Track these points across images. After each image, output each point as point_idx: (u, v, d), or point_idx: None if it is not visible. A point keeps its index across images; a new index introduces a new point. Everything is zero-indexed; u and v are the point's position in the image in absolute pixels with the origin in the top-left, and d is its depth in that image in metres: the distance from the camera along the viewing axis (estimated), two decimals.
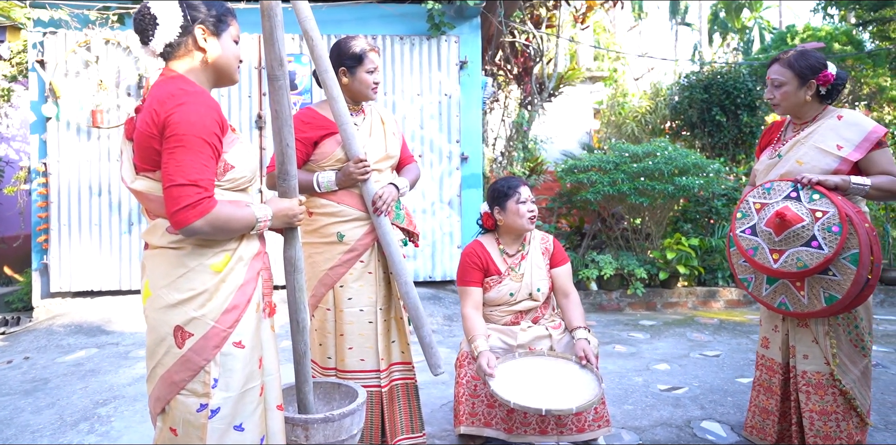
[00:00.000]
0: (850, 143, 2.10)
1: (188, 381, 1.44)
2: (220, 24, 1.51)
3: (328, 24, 4.81)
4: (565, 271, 2.52)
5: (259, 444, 1.54)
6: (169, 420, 1.47)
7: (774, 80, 2.20)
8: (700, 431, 2.56)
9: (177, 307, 1.41)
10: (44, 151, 4.75)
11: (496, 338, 2.37)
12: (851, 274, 1.99)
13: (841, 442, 2.11)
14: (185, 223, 1.36)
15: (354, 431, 1.84)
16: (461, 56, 4.93)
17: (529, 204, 2.40)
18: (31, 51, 4.70)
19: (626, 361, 3.60)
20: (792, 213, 2.03)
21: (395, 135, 2.29)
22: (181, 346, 1.43)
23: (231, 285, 1.47)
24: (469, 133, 5.01)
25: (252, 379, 1.51)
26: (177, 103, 1.36)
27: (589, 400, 2.01)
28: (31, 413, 2.84)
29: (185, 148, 1.36)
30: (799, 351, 2.20)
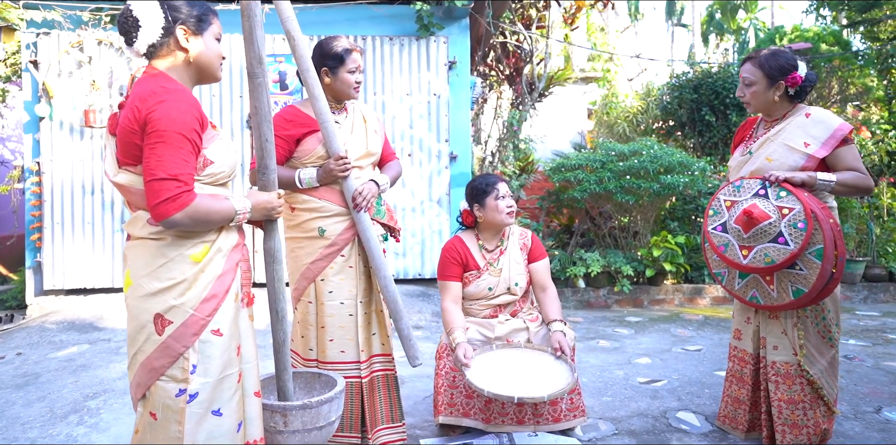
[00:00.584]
0: (817, 140, 2.16)
1: (168, 367, 1.50)
2: (202, 24, 1.57)
3: (318, 25, 4.87)
4: (543, 266, 2.58)
5: (237, 429, 1.60)
6: (149, 404, 1.52)
7: (745, 78, 2.27)
8: (675, 421, 2.63)
9: (157, 296, 1.47)
10: (37, 150, 4.81)
11: (475, 331, 2.43)
12: (817, 268, 2.06)
13: (808, 430, 2.18)
14: (165, 216, 1.42)
15: (332, 418, 1.90)
16: (450, 56, 4.99)
17: (508, 200, 2.47)
18: (25, 51, 4.76)
19: (609, 355, 3.66)
20: (759, 210, 2.10)
21: (377, 133, 2.34)
22: (161, 333, 1.48)
23: (210, 275, 1.53)
24: (458, 133, 5.08)
25: (230, 366, 1.57)
26: (157, 101, 1.43)
27: (560, 389, 2.07)
28: (21, 406, 2.89)
29: (165, 144, 1.42)
30: (769, 342, 2.27)
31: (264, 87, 1.70)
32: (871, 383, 3.09)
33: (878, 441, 2.39)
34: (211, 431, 1.54)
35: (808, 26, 8.22)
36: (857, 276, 5.31)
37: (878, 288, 5.33)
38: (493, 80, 7.73)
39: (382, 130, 2.42)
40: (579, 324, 4.58)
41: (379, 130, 2.36)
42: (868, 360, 3.49)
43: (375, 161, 2.37)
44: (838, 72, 6.91)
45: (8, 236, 6.40)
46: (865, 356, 3.58)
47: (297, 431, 1.81)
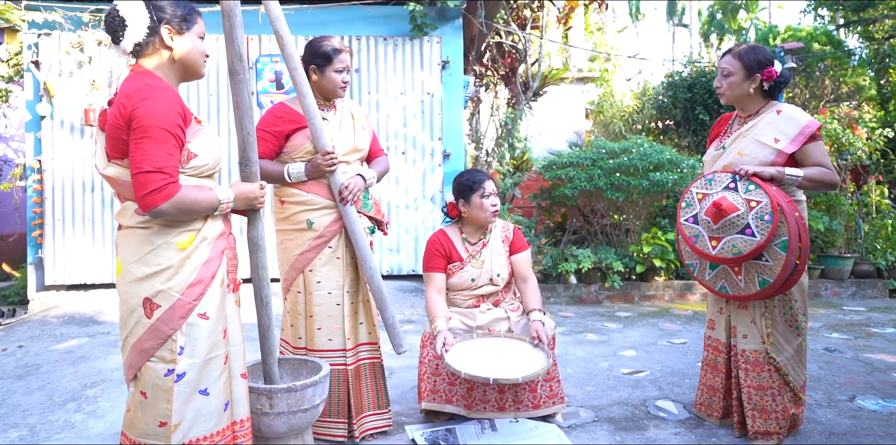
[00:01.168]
0: (787, 136, 2.24)
1: (157, 349, 1.59)
2: (185, 23, 1.65)
3: (314, 25, 4.96)
4: (524, 258, 2.66)
5: (223, 408, 1.69)
6: (140, 384, 1.61)
7: (724, 69, 2.34)
8: (654, 409, 2.71)
9: (145, 281, 1.56)
10: (38, 148, 4.91)
11: (457, 320, 2.52)
12: (782, 260, 2.13)
13: (776, 415, 2.26)
14: (152, 206, 1.51)
15: (317, 401, 1.98)
16: (443, 56, 5.08)
17: (493, 198, 2.55)
18: (27, 52, 4.86)
19: (596, 348, 3.74)
20: (728, 203, 2.18)
21: (365, 129, 2.42)
22: (150, 316, 1.57)
23: (195, 261, 1.61)
24: (451, 131, 5.16)
25: (216, 348, 1.66)
26: (141, 98, 1.51)
27: (535, 372, 2.15)
28: (22, 394, 2.99)
29: (150, 138, 1.51)
30: (739, 331, 2.35)
31: (244, 83, 1.79)
32: (849, 373, 3.17)
33: (848, 428, 2.46)
34: (198, 409, 1.63)
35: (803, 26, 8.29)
36: (845, 272, 5.38)
37: (867, 284, 5.40)
38: (490, 79, 7.82)
39: (370, 127, 2.50)
40: (569, 319, 4.66)
41: (367, 127, 2.44)
42: (848, 352, 3.57)
43: (363, 157, 2.45)
44: (830, 71, 6.98)
45: (10, 234, 6.51)
46: (846, 348, 3.66)
47: (283, 413, 1.90)
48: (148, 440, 1.61)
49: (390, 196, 5.07)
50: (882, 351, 3.58)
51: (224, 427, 1.70)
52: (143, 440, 1.61)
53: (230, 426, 1.72)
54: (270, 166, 2.25)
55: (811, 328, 4.25)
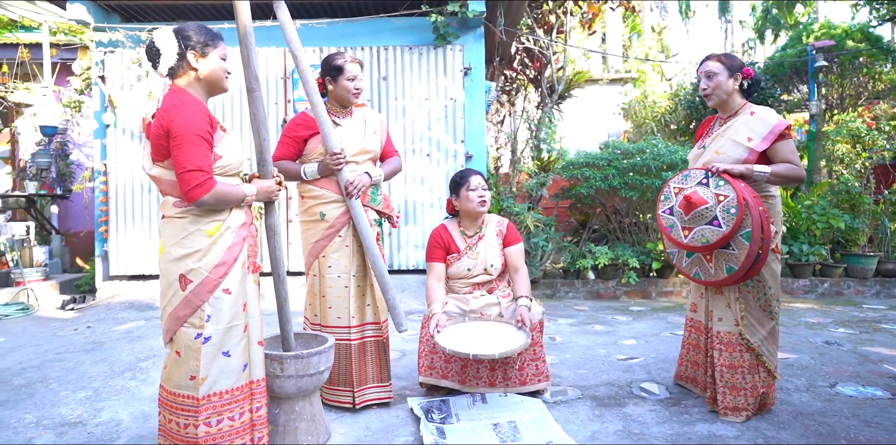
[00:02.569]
0: (758, 135, 2.45)
1: (189, 316, 1.96)
2: (206, 48, 2.02)
3: (345, 37, 5.37)
4: (517, 250, 2.94)
5: (242, 368, 2.05)
6: (175, 345, 1.99)
7: (708, 72, 2.57)
8: (637, 390, 2.93)
9: (181, 261, 1.94)
10: (104, 153, 5.51)
11: (453, 304, 2.82)
12: (745, 249, 2.35)
13: (745, 392, 2.48)
14: (196, 198, 1.88)
15: (322, 368, 2.32)
16: (465, 63, 5.38)
17: (479, 191, 2.84)
18: (95, 68, 5.47)
19: (599, 337, 3.96)
20: (698, 196, 2.41)
21: (377, 133, 2.73)
22: (184, 289, 1.95)
23: (221, 246, 1.98)
24: (473, 134, 5.46)
25: (237, 318, 2.02)
26: (176, 111, 1.89)
27: (512, 349, 2.43)
28: (89, 364, 3.48)
29: (187, 143, 1.88)
30: (715, 315, 2.57)
31: (260, 99, 2.15)
32: (839, 364, 3.28)
33: (818, 409, 2.62)
34: (221, 368, 1.99)
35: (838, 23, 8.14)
36: (868, 271, 5.35)
37: (891, 283, 5.35)
38: (522, 82, 8.06)
39: (384, 131, 2.80)
40: (583, 312, 4.87)
41: (379, 132, 2.75)
42: (847, 345, 3.66)
43: (373, 157, 2.75)
44: (864, 68, 6.88)
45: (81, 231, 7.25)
46: (846, 342, 3.74)
47: (292, 376, 2.25)
48: (181, 390, 1.98)
49: (416, 195, 5.41)
50: (882, 345, 3.65)
51: (243, 384, 2.06)
52: (177, 390, 1.99)
53: (248, 384, 2.08)
54: (291, 166, 2.62)
55: (819, 323, 4.33)
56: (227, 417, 2.00)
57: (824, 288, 5.39)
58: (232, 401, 2.01)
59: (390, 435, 2.43)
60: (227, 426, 2.00)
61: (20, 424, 2.63)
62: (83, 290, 6.19)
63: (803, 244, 5.35)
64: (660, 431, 2.44)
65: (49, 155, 7.05)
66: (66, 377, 3.26)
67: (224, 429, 1.99)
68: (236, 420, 2.02)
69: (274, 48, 5.33)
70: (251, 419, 2.07)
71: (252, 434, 2.06)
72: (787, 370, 3.17)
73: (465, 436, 2.35)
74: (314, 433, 2.34)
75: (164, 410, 2.02)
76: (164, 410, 2.02)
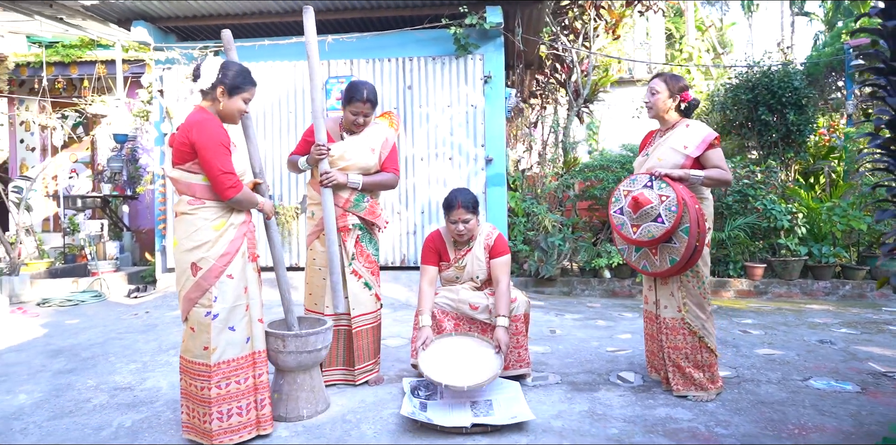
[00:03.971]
0: (693, 144, 2.75)
1: (199, 298, 2.38)
2: (235, 90, 2.42)
3: (375, 49, 5.79)
4: (501, 262, 3.02)
5: (245, 341, 2.46)
6: (190, 322, 2.42)
7: (652, 89, 2.88)
8: (614, 378, 3.17)
9: (192, 251, 2.37)
10: (163, 158, 6.17)
11: (443, 296, 3.12)
12: (685, 242, 2.63)
13: (689, 370, 2.77)
14: (230, 197, 2.31)
15: (319, 346, 2.71)
16: (485, 71, 5.68)
17: (460, 225, 2.94)
18: (155, 83, 6.13)
19: (597, 331, 4.18)
20: (644, 197, 2.67)
21: (374, 151, 3.02)
22: (195, 275, 2.37)
23: (225, 239, 2.40)
24: (493, 138, 5.75)
25: (239, 299, 2.43)
26: (199, 128, 2.31)
27: (479, 382, 2.60)
28: (142, 343, 4.04)
29: (213, 152, 2.29)
30: (661, 303, 2.84)
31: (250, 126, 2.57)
32: (823, 360, 3.39)
33: (781, 399, 2.78)
34: (228, 340, 2.40)
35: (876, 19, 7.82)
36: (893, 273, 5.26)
37: None
38: (554, 86, 8.27)
39: (386, 148, 3.06)
40: (593, 309, 5.08)
41: (378, 149, 3.03)
42: (840, 344, 3.73)
43: (364, 171, 3.00)
44: None
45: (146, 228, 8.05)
46: (841, 341, 3.81)
47: (292, 352, 2.65)
48: (196, 359, 2.40)
49: (439, 197, 5.76)
50: (878, 345, 3.70)
51: (246, 354, 2.47)
52: (193, 359, 2.41)
53: (251, 354, 2.49)
54: (296, 159, 3.02)
55: (824, 323, 4.37)
56: (234, 381, 2.41)
57: (846, 290, 5.34)
58: (237, 368, 2.43)
59: (380, 407, 2.79)
60: (234, 388, 2.41)
61: (83, 387, 3.17)
62: (147, 281, 6.92)
63: (824, 246, 5.32)
64: (621, 413, 2.69)
65: (121, 160, 7.86)
66: (122, 352, 3.82)
67: (232, 391, 2.41)
68: (241, 384, 2.43)
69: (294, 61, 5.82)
70: (254, 383, 2.48)
71: (255, 396, 2.47)
72: (765, 365, 3.32)
73: (443, 411, 2.67)
74: (313, 401, 2.74)
75: (185, 376, 2.45)
76: (185, 376, 2.45)
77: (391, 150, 3.12)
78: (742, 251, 5.56)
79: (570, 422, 2.59)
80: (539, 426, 2.55)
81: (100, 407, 2.88)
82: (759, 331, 4.12)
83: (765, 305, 5.17)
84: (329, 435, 2.50)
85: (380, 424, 2.59)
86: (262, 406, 2.49)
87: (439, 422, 2.48)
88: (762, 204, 5.48)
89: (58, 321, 4.87)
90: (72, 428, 2.64)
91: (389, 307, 5.06)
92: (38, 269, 6.75)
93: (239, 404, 2.42)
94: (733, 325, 4.34)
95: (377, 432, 2.52)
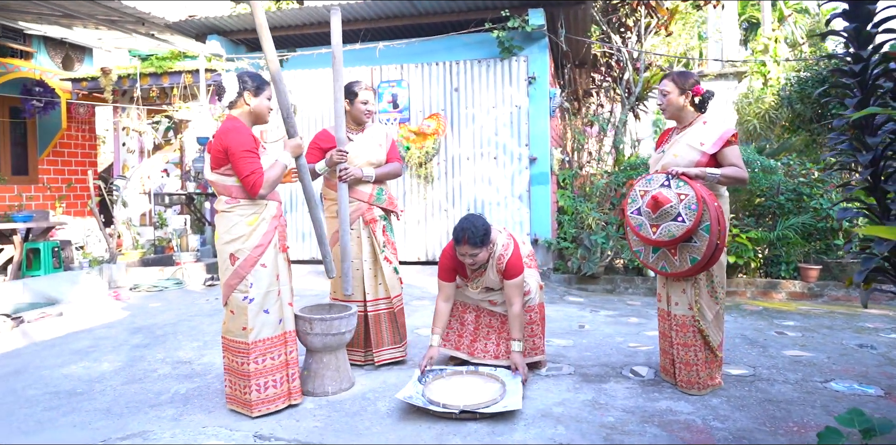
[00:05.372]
0: (709, 141, 2.76)
1: (237, 284, 2.73)
2: (258, 90, 2.78)
3: (424, 53, 6.06)
4: (513, 284, 3.01)
5: (278, 322, 2.79)
6: (230, 306, 2.78)
7: (662, 90, 2.92)
8: (627, 371, 3.26)
9: (230, 243, 2.72)
10: None
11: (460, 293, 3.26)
12: (706, 240, 2.66)
13: (697, 368, 2.82)
14: (258, 194, 2.66)
15: (343, 330, 3.01)
16: (529, 72, 5.81)
17: (467, 258, 2.94)
18: None
19: (626, 328, 4.24)
20: (663, 196, 2.74)
21: (382, 146, 3.38)
22: (233, 265, 2.73)
23: (258, 232, 2.74)
24: (537, 138, 5.87)
25: (272, 285, 2.77)
26: (229, 136, 2.66)
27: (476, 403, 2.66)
28: (207, 325, 4.54)
29: (243, 157, 2.64)
30: (672, 300, 2.89)
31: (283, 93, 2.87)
32: (855, 364, 3.29)
33: (791, 398, 2.78)
34: (263, 321, 2.75)
35: None
36: None
37: None
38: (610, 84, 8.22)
39: (388, 142, 3.43)
40: (633, 306, 5.10)
41: (384, 144, 3.40)
42: (881, 349, 3.59)
43: (377, 165, 3.35)
44: None
45: None
46: (884, 346, 3.66)
47: (318, 334, 2.96)
48: (237, 338, 2.76)
49: (484, 194, 5.96)
50: None
51: (279, 334, 2.80)
52: (234, 338, 2.77)
53: (283, 334, 2.82)
54: (311, 167, 3.27)
55: (873, 328, 4.19)
56: (269, 357, 2.76)
57: None
58: (272, 346, 2.77)
59: (399, 388, 3.04)
60: (270, 364, 2.76)
61: (153, 359, 3.66)
62: None
63: None
64: (623, 404, 2.80)
65: (203, 161, 8.64)
66: (189, 332, 4.32)
67: (267, 366, 2.75)
68: (276, 360, 2.77)
69: (363, 67, 6.19)
70: (286, 360, 2.81)
71: (286, 371, 2.81)
72: (788, 366, 3.28)
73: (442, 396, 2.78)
74: (338, 380, 3.05)
75: (228, 353, 2.82)
76: (228, 353, 2.82)
77: (391, 144, 3.47)
78: (796, 252, 5.36)
79: (570, 410, 2.73)
80: (539, 411, 2.71)
81: (163, 377, 3.33)
82: (796, 333, 4.03)
83: (817, 308, 4.98)
84: (348, 409, 2.80)
85: (394, 403, 2.85)
86: (293, 380, 2.83)
87: (433, 407, 2.66)
88: (818, 203, 5.26)
89: (143, 303, 5.52)
90: (139, 392, 3.10)
91: (430, 299, 5.33)
92: (132, 258, 7.58)
93: (274, 377, 2.76)
94: (772, 326, 4.25)
95: (390, 409, 2.79)
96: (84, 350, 3.91)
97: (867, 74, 2.24)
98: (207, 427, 2.63)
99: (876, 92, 2.27)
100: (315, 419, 2.70)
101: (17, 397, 3.09)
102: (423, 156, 5.92)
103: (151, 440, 2.50)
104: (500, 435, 2.48)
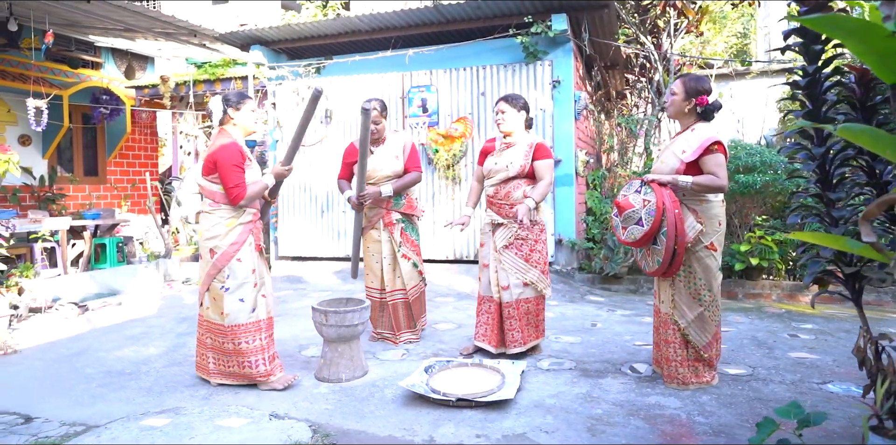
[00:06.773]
0: (690, 148, 2.85)
1: (216, 275, 3.07)
2: (239, 104, 3.13)
3: (452, 59, 6.28)
4: (542, 164, 3.43)
5: (251, 310, 3.09)
6: (210, 293, 3.11)
7: (671, 89, 3.00)
8: (626, 368, 3.38)
9: (210, 240, 3.07)
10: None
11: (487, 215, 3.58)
12: (664, 244, 2.80)
13: (676, 364, 2.96)
14: (237, 203, 3.01)
15: (356, 322, 3.28)
16: (554, 76, 5.93)
17: (498, 114, 3.52)
18: (270, 97, 7.16)
19: (637, 327, 4.33)
20: (626, 201, 2.90)
21: (399, 158, 3.75)
22: (212, 258, 3.06)
23: (234, 233, 3.07)
24: (562, 140, 5.99)
25: (247, 278, 3.09)
26: (220, 149, 3.01)
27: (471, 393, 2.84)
28: None
29: (229, 170, 2.99)
30: (659, 297, 3.04)
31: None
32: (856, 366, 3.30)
33: (780, 397, 2.85)
34: (238, 308, 3.07)
35: None
36: None
37: None
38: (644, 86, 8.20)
39: (406, 153, 3.77)
40: (652, 307, 5.15)
41: (401, 155, 3.75)
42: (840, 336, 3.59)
43: (395, 176, 3.73)
44: None
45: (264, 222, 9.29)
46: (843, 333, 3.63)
47: (332, 325, 3.25)
48: (216, 321, 3.10)
49: None
50: None
51: (252, 321, 3.10)
52: (214, 321, 3.11)
53: (256, 321, 3.12)
54: (344, 186, 3.81)
55: None
56: (244, 340, 3.10)
57: None
58: (245, 331, 3.11)
59: None
60: (244, 346, 3.09)
61: (193, 345, 4.04)
62: None
63: None
64: (614, 398, 2.95)
65: None
66: None
67: (243, 347, 3.09)
68: (251, 343, 3.10)
69: (394, 73, 6.47)
70: (262, 344, 3.13)
71: (264, 354, 3.13)
72: (789, 367, 3.32)
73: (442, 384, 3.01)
74: (351, 368, 3.32)
75: (210, 333, 3.16)
76: (210, 333, 3.16)
77: (411, 151, 3.78)
78: None
79: (562, 401, 2.91)
80: (533, 402, 2.90)
81: None
82: (809, 336, 4.02)
83: (842, 311, 4.90)
84: (357, 395, 3.06)
85: (399, 390, 3.09)
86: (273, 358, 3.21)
87: (433, 395, 2.88)
88: None
89: (191, 296, 5.99)
90: (178, 374, 3.47)
91: (454, 296, 5.56)
92: (186, 254, 8.16)
93: (263, 356, 3.13)
94: (787, 329, 4.25)
95: (395, 396, 3.04)
96: (136, 336, 4.36)
97: (817, 88, 2.33)
98: (231, 405, 2.95)
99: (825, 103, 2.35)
100: (327, 402, 2.98)
101: (78, 374, 3.53)
102: (451, 158, 6.14)
103: (182, 414, 2.84)
104: (491, 422, 2.68)
